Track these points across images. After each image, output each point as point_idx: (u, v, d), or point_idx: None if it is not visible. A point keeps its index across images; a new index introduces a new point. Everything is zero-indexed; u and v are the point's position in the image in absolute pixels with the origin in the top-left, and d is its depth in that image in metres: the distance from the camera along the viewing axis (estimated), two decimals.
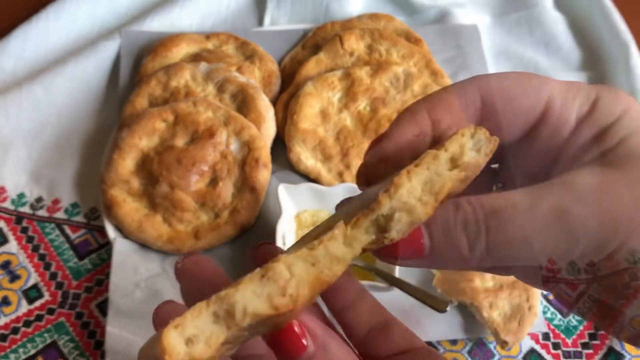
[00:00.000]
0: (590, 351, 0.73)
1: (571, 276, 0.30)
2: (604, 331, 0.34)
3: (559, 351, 0.73)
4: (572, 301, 0.33)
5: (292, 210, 0.77)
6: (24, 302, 0.75)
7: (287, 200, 0.76)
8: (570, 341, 0.74)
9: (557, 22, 0.98)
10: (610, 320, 0.31)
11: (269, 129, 0.83)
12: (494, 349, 0.73)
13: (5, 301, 0.75)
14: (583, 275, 0.30)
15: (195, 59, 0.88)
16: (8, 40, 0.90)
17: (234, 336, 0.27)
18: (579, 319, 0.76)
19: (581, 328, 0.75)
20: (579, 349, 0.74)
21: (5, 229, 0.79)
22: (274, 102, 0.87)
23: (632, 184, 0.28)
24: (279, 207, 0.75)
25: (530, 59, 0.95)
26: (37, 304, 0.75)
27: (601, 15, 0.96)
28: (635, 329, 0.30)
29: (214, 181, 0.78)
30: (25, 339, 0.72)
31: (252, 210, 0.78)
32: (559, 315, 0.76)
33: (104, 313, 0.73)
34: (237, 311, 0.26)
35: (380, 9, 0.99)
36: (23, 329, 0.73)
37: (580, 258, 0.28)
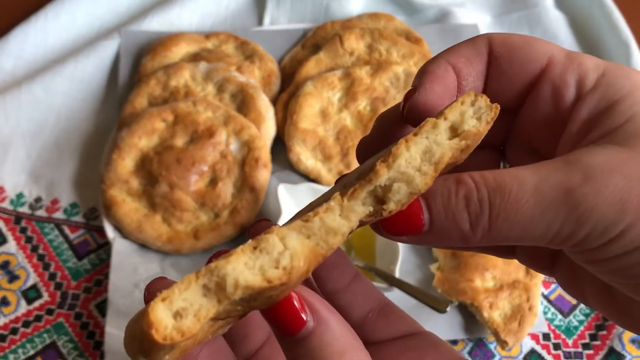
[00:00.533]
0: (591, 352, 0.73)
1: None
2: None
3: (560, 352, 0.73)
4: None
5: (292, 210, 0.77)
6: (23, 303, 0.74)
7: (287, 200, 0.76)
8: (570, 342, 0.74)
9: (558, 22, 0.98)
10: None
11: (269, 129, 0.83)
12: (494, 349, 0.73)
13: (5, 301, 0.74)
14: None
15: (194, 58, 0.87)
16: (7, 39, 0.90)
17: (226, 310, 0.26)
18: (580, 319, 0.76)
19: (582, 328, 0.75)
20: (580, 350, 0.73)
21: (4, 229, 0.79)
22: (274, 102, 0.87)
23: None
24: (278, 207, 0.75)
25: None
26: (36, 304, 0.75)
27: (602, 15, 0.96)
28: None
29: (213, 181, 0.78)
30: (24, 340, 0.72)
31: (252, 210, 0.78)
32: (559, 316, 0.76)
33: (103, 313, 0.73)
34: (228, 284, 0.25)
35: (380, 9, 0.98)
36: (22, 329, 0.73)
37: (586, 239, 0.27)
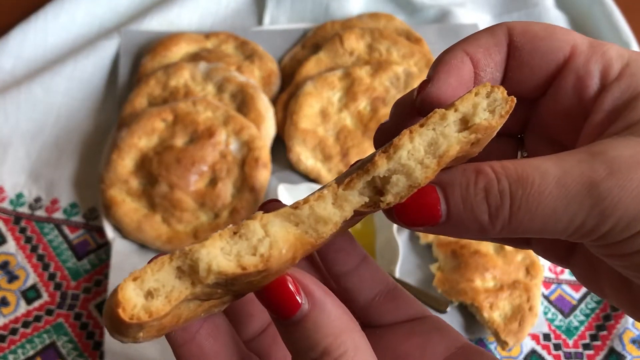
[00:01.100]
0: (592, 352, 0.73)
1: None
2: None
3: (560, 352, 0.73)
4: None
5: None
6: (22, 303, 0.74)
7: (287, 200, 0.76)
8: (571, 342, 0.74)
9: (558, 21, 0.98)
10: None
11: (269, 129, 0.83)
12: (495, 349, 0.73)
13: (4, 302, 0.74)
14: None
15: (194, 58, 0.87)
16: (7, 39, 0.90)
17: (205, 293, 0.26)
18: (580, 319, 0.76)
19: (582, 329, 0.75)
20: (580, 350, 0.73)
21: (3, 229, 0.79)
22: (274, 102, 0.87)
23: None
24: None
25: None
26: (36, 304, 0.74)
27: (602, 14, 0.96)
28: None
29: (213, 181, 0.78)
30: (24, 340, 0.72)
31: (252, 210, 0.77)
32: (560, 316, 0.76)
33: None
34: (201, 268, 0.25)
35: (380, 8, 0.98)
36: (22, 329, 0.73)
37: (609, 233, 0.26)
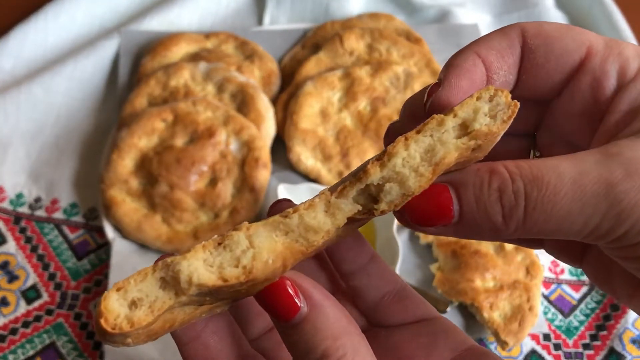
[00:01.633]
0: (592, 352, 0.73)
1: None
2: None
3: (560, 352, 0.73)
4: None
5: None
6: (22, 303, 0.74)
7: None
8: (571, 342, 0.74)
9: (558, 21, 0.98)
10: None
11: (269, 129, 0.83)
12: (495, 349, 0.73)
13: (4, 302, 0.74)
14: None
15: (194, 58, 0.87)
16: (7, 39, 0.90)
17: (193, 301, 0.26)
18: (580, 319, 0.76)
19: (582, 329, 0.75)
20: (580, 350, 0.73)
21: (3, 229, 0.79)
22: (274, 102, 0.87)
23: None
24: None
25: None
26: (36, 304, 0.74)
27: (602, 14, 0.96)
28: None
29: (213, 181, 0.78)
30: (24, 340, 0.72)
31: (252, 210, 0.77)
32: (560, 316, 0.76)
33: None
34: (182, 280, 0.25)
35: (380, 8, 0.98)
36: (22, 329, 0.73)
37: (625, 236, 0.26)
